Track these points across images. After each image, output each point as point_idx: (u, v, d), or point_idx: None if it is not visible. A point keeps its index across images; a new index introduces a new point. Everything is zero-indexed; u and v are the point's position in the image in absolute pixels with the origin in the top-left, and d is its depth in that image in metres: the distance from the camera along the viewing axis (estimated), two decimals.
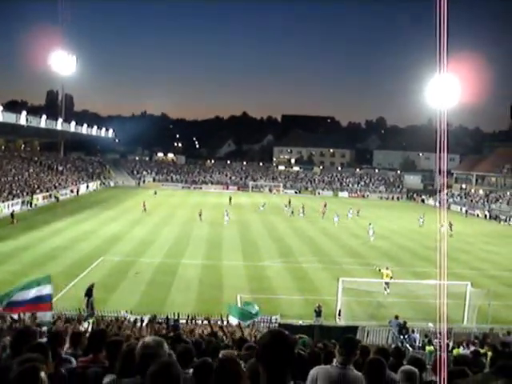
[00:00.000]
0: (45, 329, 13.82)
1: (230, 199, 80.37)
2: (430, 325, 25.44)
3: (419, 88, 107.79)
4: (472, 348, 18.61)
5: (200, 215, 59.89)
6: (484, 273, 39.83)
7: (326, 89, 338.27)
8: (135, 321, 20.68)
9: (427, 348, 21.77)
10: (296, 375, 3.46)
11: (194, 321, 22.94)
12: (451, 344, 21.50)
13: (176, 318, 23.58)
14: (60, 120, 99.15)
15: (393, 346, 17.95)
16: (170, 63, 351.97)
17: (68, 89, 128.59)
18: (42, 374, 3.69)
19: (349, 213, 68.81)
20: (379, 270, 33.73)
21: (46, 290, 17.34)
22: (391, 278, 32.72)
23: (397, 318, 25.70)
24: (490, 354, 16.20)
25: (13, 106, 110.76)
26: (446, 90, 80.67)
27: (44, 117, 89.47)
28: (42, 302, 17.26)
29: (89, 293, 26.82)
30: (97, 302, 26.58)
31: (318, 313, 26.71)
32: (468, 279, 30.68)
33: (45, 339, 7.75)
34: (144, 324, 20.04)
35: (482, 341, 22.29)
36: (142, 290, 31.14)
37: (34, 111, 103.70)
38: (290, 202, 77.05)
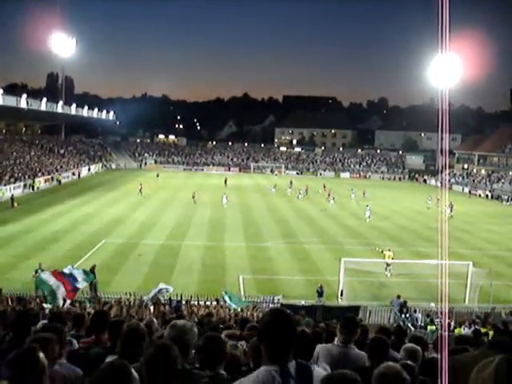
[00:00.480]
0: (47, 310, 13.90)
1: (226, 181, 79.65)
2: (432, 304, 25.53)
3: (421, 68, 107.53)
4: (473, 327, 18.68)
5: (193, 197, 59.10)
6: (486, 253, 39.86)
7: (327, 69, 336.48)
8: (140, 304, 20.78)
9: (429, 327, 21.86)
10: (300, 354, 3.45)
11: (189, 304, 23.14)
12: (453, 324, 21.59)
13: (179, 299, 23.71)
14: (60, 103, 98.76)
15: (394, 325, 18.04)
16: (170, 45, 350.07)
17: (68, 71, 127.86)
18: (41, 356, 3.66)
19: (352, 194, 68.16)
20: (381, 252, 33.77)
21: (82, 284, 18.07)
22: (392, 259, 32.73)
23: (399, 297, 25.80)
24: (491, 333, 16.27)
25: (13, 90, 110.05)
26: (448, 69, 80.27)
27: (44, 100, 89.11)
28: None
29: (91, 274, 26.92)
30: (100, 284, 26.70)
31: (320, 293, 26.83)
32: (470, 259, 30.72)
33: (46, 321, 7.79)
34: (148, 305, 20.14)
35: (483, 320, 22.38)
36: (144, 271, 31.24)
37: (35, 94, 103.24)
38: (291, 183, 76.98)
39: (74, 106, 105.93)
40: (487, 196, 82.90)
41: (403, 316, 24.52)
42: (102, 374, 2.84)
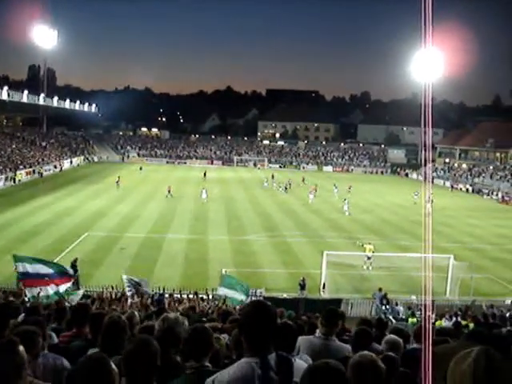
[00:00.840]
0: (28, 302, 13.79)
1: (205, 174, 79.19)
2: (413, 297, 25.72)
3: (404, 62, 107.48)
4: (454, 320, 18.86)
5: (169, 191, 57.29)
6: (467, 246, 40.23)
7: (310, 63, 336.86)
8: (119, 297, 20.67)
9: (410, 320, 22.04)
10: (282, 346, 3.47)
11: (172, 297, 23.02)
12: (433, 316, 21.76)
13: (161, 292, 23.65)
14: (42, 95, 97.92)
15: (376, 317, 18.16)
16: (153, 37, 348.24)
17: (50, 63, 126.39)
18: (21, 349, 3.63)
19: (335, 189, 66.56)
20: (362, 245, 33.94)
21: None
22: (373, 252, 32.86)
23: (380, 290, 25.97)
24: (471, 325, 16.45)
25: None
26: (431, 64, 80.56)
27: (26, 92, 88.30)
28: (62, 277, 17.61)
29: (73, 268, 26.78)
30: (82, 277, 26.58)
31: (303, 286, 26.92)
32: (451, 252, 30.95)
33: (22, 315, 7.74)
34: (129, 299, 20.05)
35: (463, 313, 22.61)
36: (127, 264, 31.06)
37: (16, 86, 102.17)
38: (273, 177, 76.67)
39: (55, 98, 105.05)
40: (467, 190, 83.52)
41: (384, 308, 24.70)
42: (80, 368, 2.83)
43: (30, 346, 3.73)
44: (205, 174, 78.66)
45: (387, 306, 24.78)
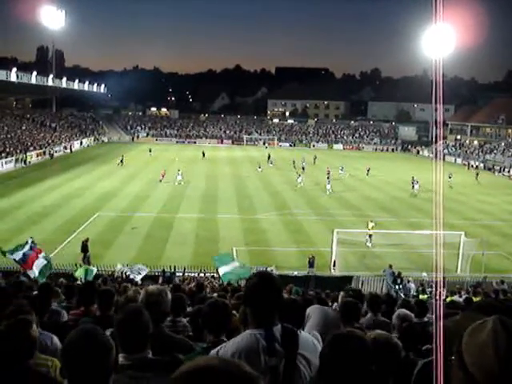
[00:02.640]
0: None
1: (204, 154, 78.19)
2: (424, 274, 25.67)
3: (414, 38, 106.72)
4: (465, 296, 18.82)
5: (163, 176, 55.50)
6: (478, 223, 40.04)
7: (320, 40, 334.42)
8: (129, 278, 20.74)
9: (421, 297, 22.01)
10: (287, 319, 3.43)
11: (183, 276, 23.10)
12: (444, 293, 21.73)
13: (172, 271, 23.78)
14: (51, 76, 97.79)
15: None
16: (161, 17, 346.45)
17: (58, 44, 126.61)
18: (34, 327, 3.66)
19: (340, 171, 63.19)
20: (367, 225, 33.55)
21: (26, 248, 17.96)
22: (373, 228, 32.61)
23: (391, 267, 25.91)
24: None
25: (2, 63, 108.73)
26: (442, 40, 79.68)
27: (34, 73, 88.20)
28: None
29: (84, 248, 26.99)
30: (93, 257, 26.79)
31: (311, 264, 26.97)
32: (462, 229, 30.87)
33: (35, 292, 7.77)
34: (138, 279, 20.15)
35: (474, 289, 22.55)
36: (138, 244, 31.27)
37: (25, 68, 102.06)
38: (269, 157, 74.44)
39: (64, 79, 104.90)
40: (476, 166, 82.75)
41: (396, 287, 24.66)
42: (73, 338, 2.81)
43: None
44: (203, 154, 77.51)
45: (400, 285, 24.73)
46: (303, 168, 64.77)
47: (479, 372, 1.66)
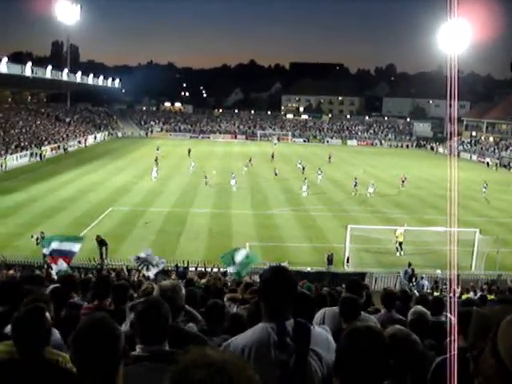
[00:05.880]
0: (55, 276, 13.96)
1: (190, 151, 73.06)
2: (438, 271, 25.53)
3: (430, 34, 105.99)
4: (479, 294, 18.71)
5: (156, 161, 55.88)
6: (493, 220, 39.77)
7: (334, 35, 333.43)
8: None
9: (435, 294, 21.90)
10: (299, 314, 3.39)
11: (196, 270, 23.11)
12: (459, 290, 21.62)
13: (185, 266, 23.83)
14: (66, 71, 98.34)
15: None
16: (176, 12, 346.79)
17: (73, 39, 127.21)
18: (48, 315, 3.68)
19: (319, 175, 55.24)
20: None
21: (75, 247, 17.65)
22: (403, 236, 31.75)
23: (410, 265, 25.62)
24: None
25: (18, 58, 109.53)
26: (458, 35, 79.21)
27: (49, 68, 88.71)
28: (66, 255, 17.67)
29: (103, 242, 27.11)
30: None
31: (330, 260, 26.97)
32: (476, 226, 30.64)
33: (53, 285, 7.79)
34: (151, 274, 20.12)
35: (489, 287, 22.42)
36: (151, 239, 31.34)
37: (40, 62, 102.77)
38: (250, 160, 64.30)
39: (79, 74, 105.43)
40: (492, 164, 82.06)
41: (410, 284, 24.55)
42: (82, 327, 2.82)
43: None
44: (189, 152, 72.59)
45: (413, 282, 24.60)
46: (303, 168, 59.86)
47: (511, 360, 1.67)
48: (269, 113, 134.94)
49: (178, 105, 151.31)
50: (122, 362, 2.84)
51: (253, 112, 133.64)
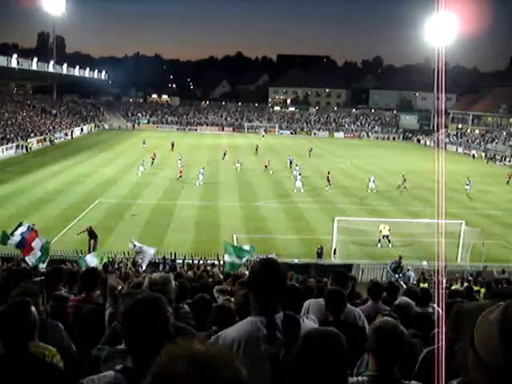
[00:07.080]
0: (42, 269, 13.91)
1: (173, 145, 71.50)
2: (425, 263, 25.68)
3: (417, 27, 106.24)
4: (465, 285, 18.87)
5: (153, 160, 55.98)
6: (478, 212, 40.01)
7: (322, 28, 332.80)
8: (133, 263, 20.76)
9: (421, 285, 22.04)
10: (289, 306, 3.41)
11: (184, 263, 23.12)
12: (445, 281, 21.77)
13: (173, 258, 23.81)
14: (52, 62, 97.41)
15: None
16: (162, 3, 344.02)
17: (59, 30, 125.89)
18: (33, 309, 3.66)
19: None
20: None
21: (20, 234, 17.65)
22: (389, 229, 31.72)
23: (400, 258, 25.45)
24: (482, 290, 16.46)
25: (3, 49, 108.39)
26: (444, 28, 79.40)
27: (35, 59, 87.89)
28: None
29: (92, 234, 27.01)
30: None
31: (320, 254, 27.02)
32: (462, 218, 30.84)
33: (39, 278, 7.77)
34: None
35: (475, 279, 22.60)
36: (139, 231, 31.23)
37: (25, 54, 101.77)
38: (225, 155, 64.39)
39: (65, 65, 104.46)
40: (476, 156, 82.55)
41: (397, 275, 24.66)
42: (135, 305, 2.88)
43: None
44: (172, 146, 71.24)
45: (399, 274, 24.69)
46: (291, 163, 58.21)
47: (483, 350, 1.69)
48: (256, 105, 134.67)
49: (165, 97, 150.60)
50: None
51: (240, 104, 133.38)
